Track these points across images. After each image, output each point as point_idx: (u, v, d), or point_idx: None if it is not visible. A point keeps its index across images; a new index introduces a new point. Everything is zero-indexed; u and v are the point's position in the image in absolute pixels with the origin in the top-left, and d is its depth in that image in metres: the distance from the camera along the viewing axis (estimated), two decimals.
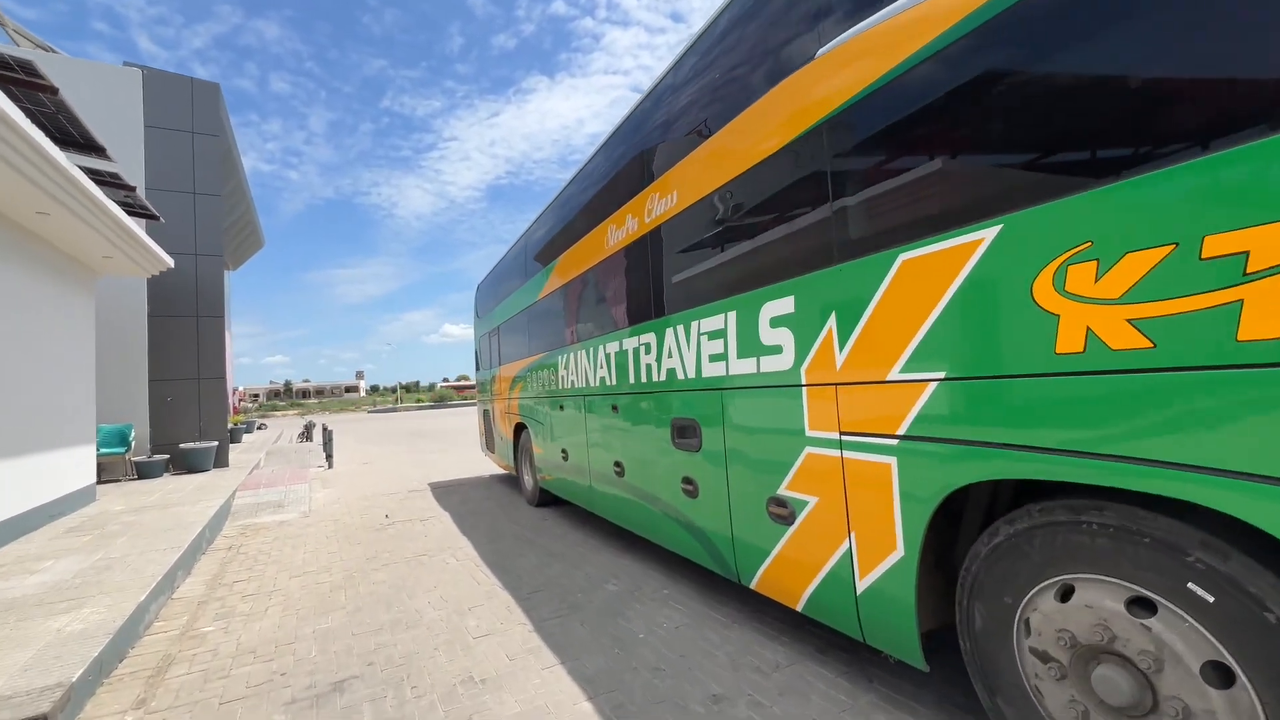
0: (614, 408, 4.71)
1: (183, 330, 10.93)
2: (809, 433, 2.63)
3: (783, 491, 2.82)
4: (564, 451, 6.02)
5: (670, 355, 3.78)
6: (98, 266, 7.82)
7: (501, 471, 10.84)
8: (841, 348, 2.42)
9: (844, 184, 2.42)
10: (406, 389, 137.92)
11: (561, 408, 5.99)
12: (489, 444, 10.02)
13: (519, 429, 7.98)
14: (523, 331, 7.39)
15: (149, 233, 10.17)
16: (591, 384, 5.14)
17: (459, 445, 17.29)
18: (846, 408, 2.42)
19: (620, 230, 4.47)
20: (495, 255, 10.22)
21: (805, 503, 2.68)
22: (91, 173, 6.75)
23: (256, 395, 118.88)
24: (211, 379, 11.17)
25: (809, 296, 2.59)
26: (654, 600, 3.93)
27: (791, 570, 2.82)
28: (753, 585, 3.15)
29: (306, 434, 20.32)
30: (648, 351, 4.09)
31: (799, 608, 2.81)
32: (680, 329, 3.65)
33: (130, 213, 8.00)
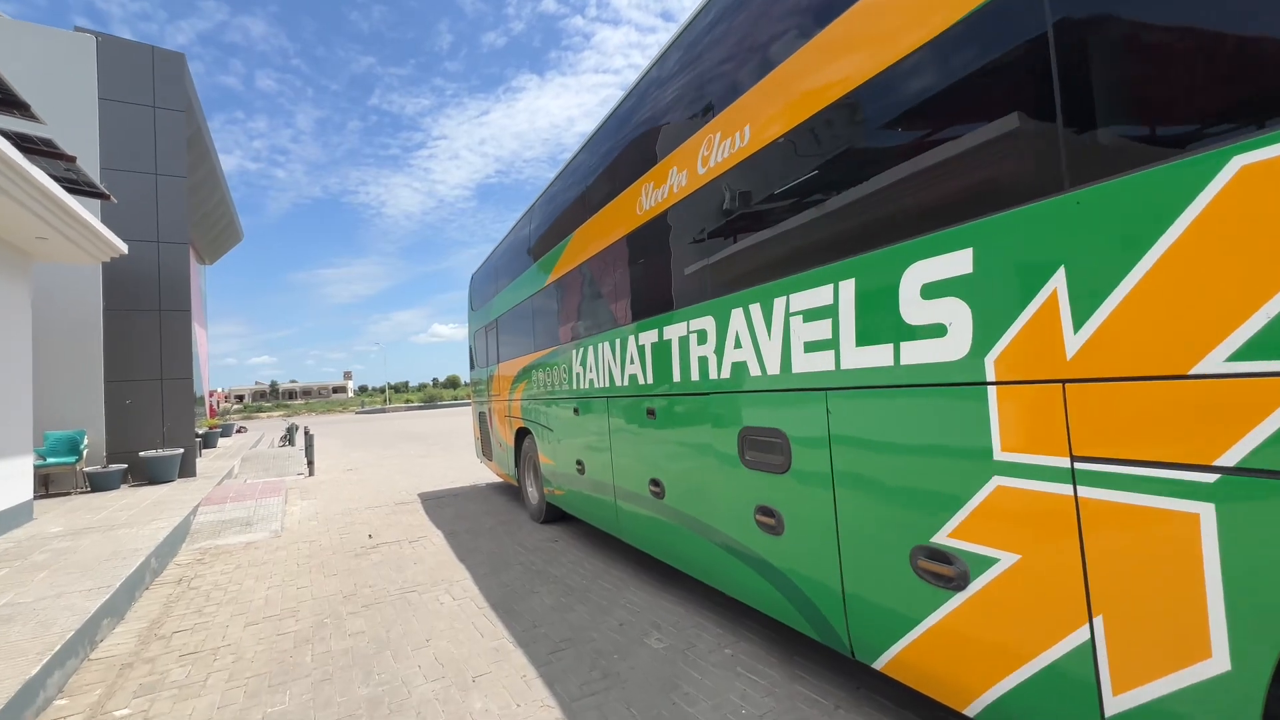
0: (650, 413, 3.80)
1: (144, 326, 9.86)
2: (1000, 455, 1.73)
3: (945, 541, 1.92)
4: (579, 463, 5.09)
5: (738, 346, 2.87)
6: (31, 249, 6.77)
7: (499, 480, 9.89)
8: (1082, 322, 1.52)
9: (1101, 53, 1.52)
10: (395, 389, 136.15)
11: (576, 411, 5.07)
12: (485, 450, 9.07)
13: (521, 434, 7.04)
14: (526, 324, 6.45)
15: (104, 217, 9.13)
16: (618, 383, 4.22)
17: (450, 449, 16.28)
18: (1090, 418, 1.52)
19: (660, 190, 3.55)
20: (486, 254, 9.31)
21: (991, 560, 1.79)
22: (18, 138, 5.73)
23: (241, 396, 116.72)
24: (177, 379, 10.11)
25: (1009, 245, 1.69)
26: (716, 665, 3.02)
27: (960, 655, 1.92)
28: (879, 666, 2.25)
29: (288, 438, 19.21)
30: (702, 341, 3.18)
31: (971, 713, 1.91)
32: (754, 310, 2.74)
33: (73, 190, 6.97)
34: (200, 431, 14.73)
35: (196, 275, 18.51)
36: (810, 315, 2.40)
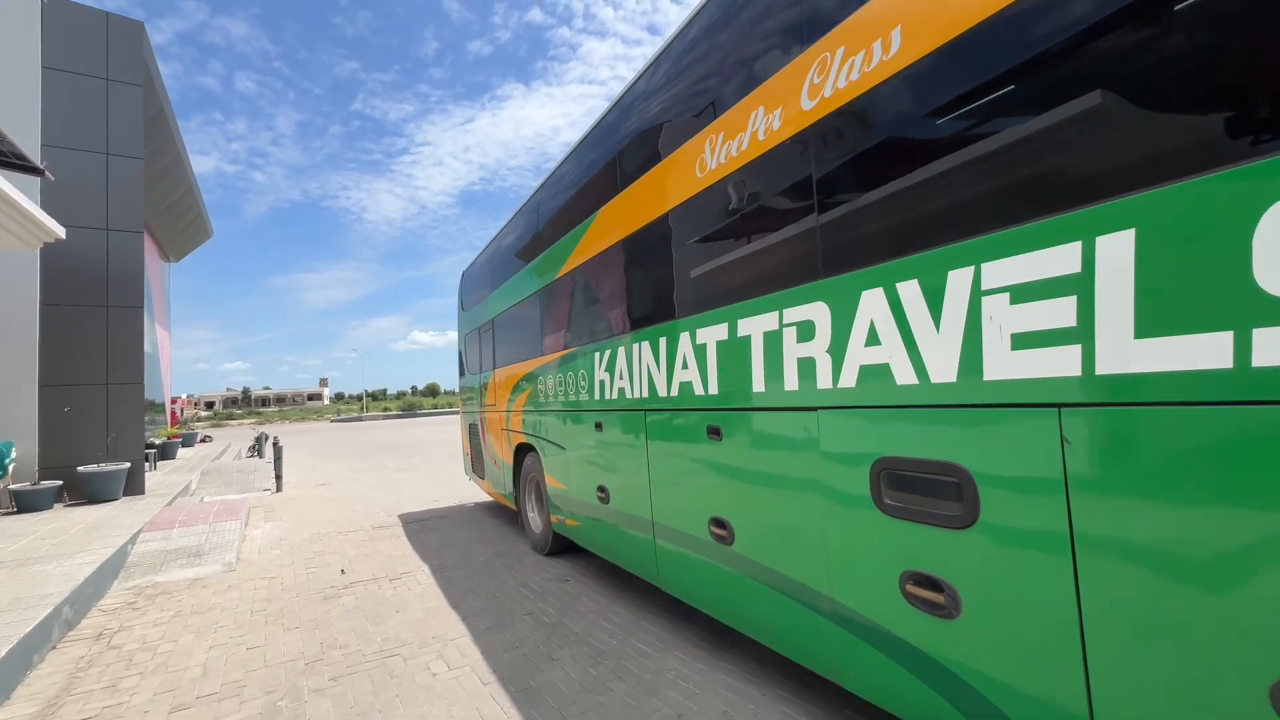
0: (713, 432, 2.94)
1: (88, 323, 8.73)
2: None
3: None
4: (601, 490, 4.20)
5: (873, 342, 2.04)
6: None
7: (489, 498, 8.91)
8: None
9: None
10: (373, 397, 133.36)
11: (599, 427, 4.18)
12: (475, 467, 8.10)
13: (521, 450, 6.11)
14: (531, 323, 5.55)
15: (46, 200, 8.04)
16: (661, 392, 3.36)
17: (432, 461, 15.19)
18: None
19: (734, 142, 2.72)
20: (468, 262, 8.47)
21: None
22: None
23: (211, 403, 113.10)
24: (126, 384, 8.97)
25: None
26: None
27: None
28: None
29: (256, 448, 17.91)
30: (804, 338, 2.33)
31: None
32: (908, 290, 1.91)
33: None
34: (156, 442, 13.48)
35: (159, 272, 17.24)
36: (1034, 291, 1.57)
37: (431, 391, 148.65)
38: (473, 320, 7.85)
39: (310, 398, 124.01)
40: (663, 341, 3.34)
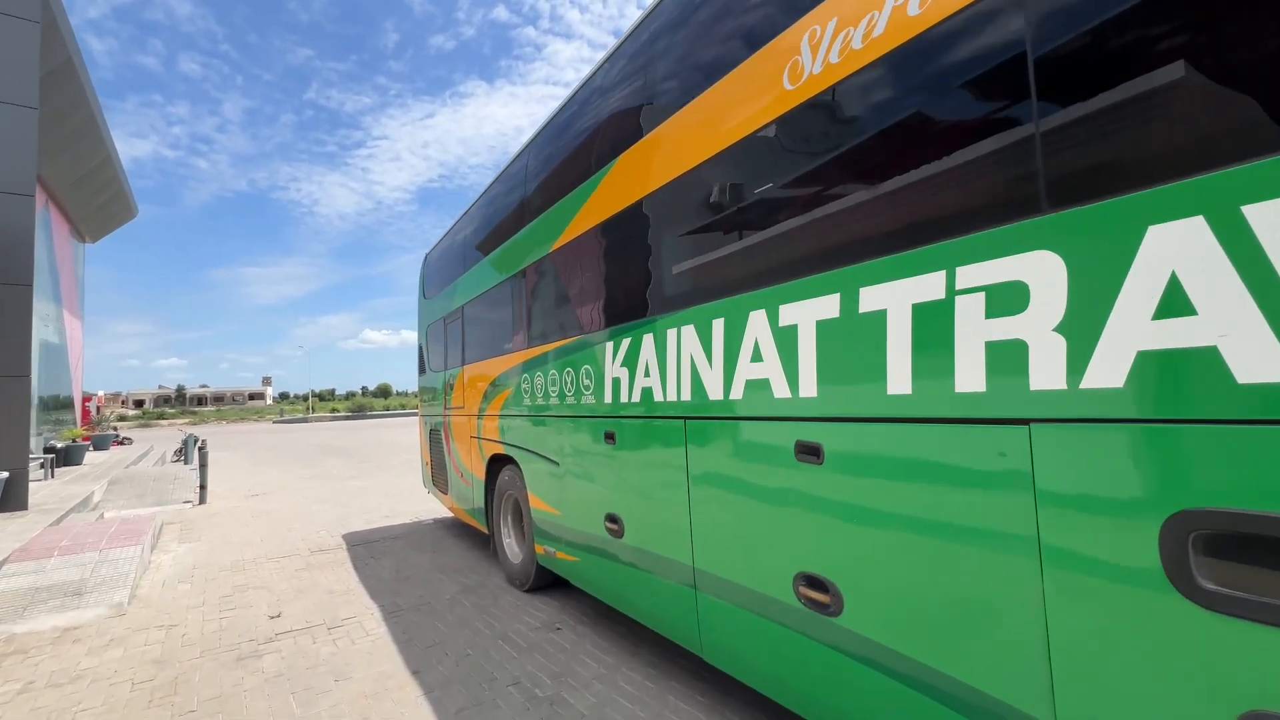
0: (808, 452, 2.05)
1: None
2: None
3: None
4: (613, 521, 3.26)
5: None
6: None
7: (449, 513, 7.79)
8: None
9: None
10: (320, 397, 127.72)
11: (610, 438, 3.25)
12: (437, 479, 6.99)
13: (498, 463, 5.09)
14: (514, 309, 4.57)
15: None
16: (716, 394, 2.46)
17: (385, 467, 13.83)
18: None
19: (840, 40, 1.85)
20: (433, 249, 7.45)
21: None
22: None
23: (141, 402, 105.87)
24: (8, 377, 7.48)
25: None
26: None
27: None
28: None
29: (183, 452, 16.08)
30: (1011, 304, 1.47)
31: None
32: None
33: None
34: (58, 445, 11.73)
35: (70, 252, 15.28)
36: None
37: (383, 392, 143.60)
38: (437, 309, 6.77)
39: (252, 397, 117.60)
40: (719, 325, 2.44)
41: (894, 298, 1.74)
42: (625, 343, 3.09)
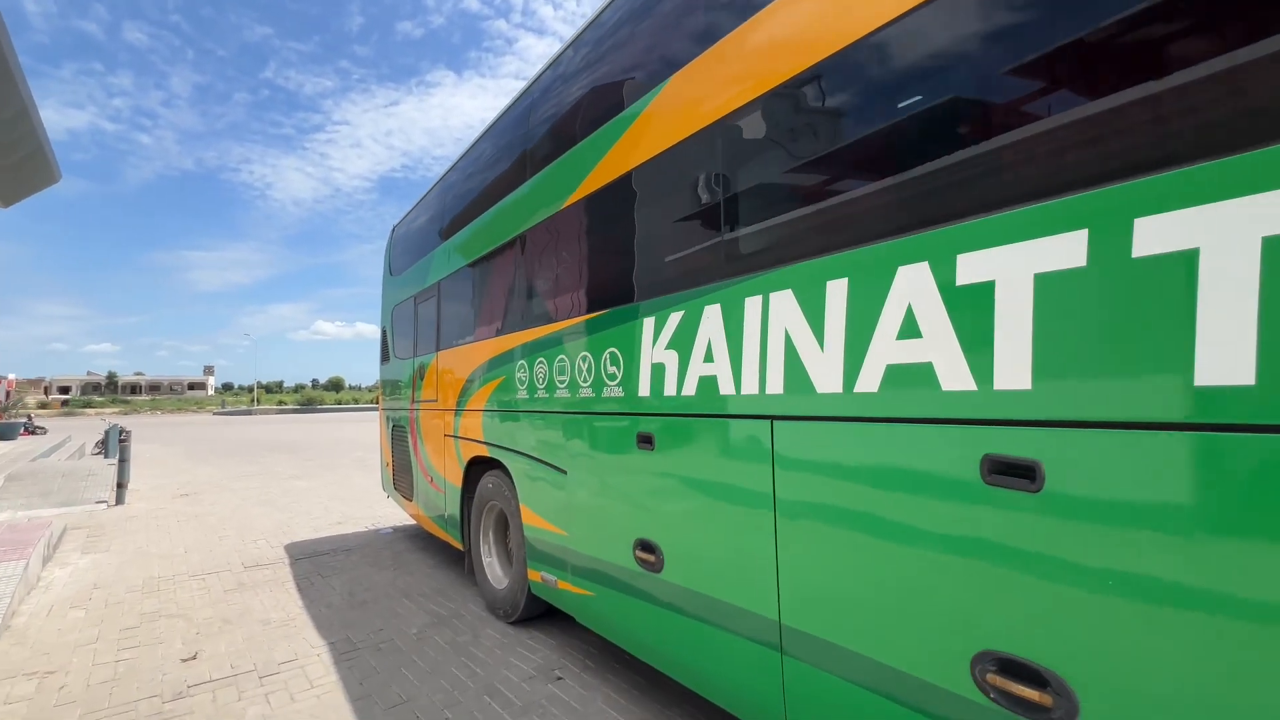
0: (1008, 474, 1.36)
1: None
2: None
3: None
4: (648, 549, 2.51)
5: None
6: None
7: (411, 520, 6.87)
8: None
9: None
10: (266, 389, 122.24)
11: (647, 442, 2.50)
12: (399, 483, 6.08)
13: (479, 467, 4.28)
14: (509, 281, 3.78)
15: None
16: (829, 385, 1.76)
17: (335, 466, 12.65)
18: None
19: None
20: (384, 251, 6.66)
21: None
22: None
23: (68, 389, 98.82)
24: None
25: None
26: None
27: None
28: None
29: (104, 444, 14.45)
30: None
31: None
32: None
33: None
34: None
35: None
36: None
37: (335, 385, 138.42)
38: (406, 287, 5.88)
39: (192, 387, 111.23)
40: (839, 288, 1.73)
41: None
42: (674, 318, 2.36)
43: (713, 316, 2.18)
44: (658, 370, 2.45)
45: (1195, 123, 1.13)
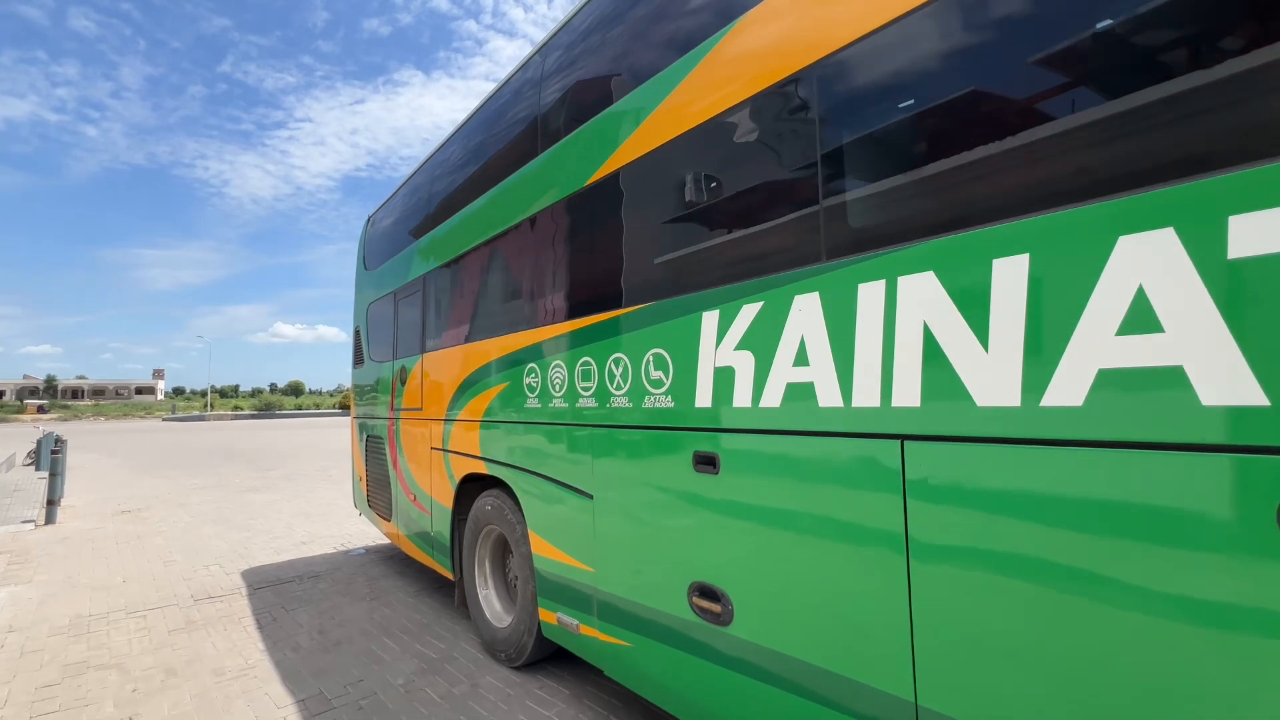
0: None
1: None
2: None
3: None
4: (710, 596, 2.04)
5: None
6: None
7: (385, 539, 6.23)
8: None
9: None
10: (222, 394, 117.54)
11: (709, 464, 2.04)
12: (374, 500, 5.47)
13: (474, 486, 3.75)
14: (517, 273, 3.28)
15: None
16: (990, 395, 1.34)
17: (295, 477, 11.79)
18: None
19: None
20: (348, 251, 6.08)
21: None
22: None
23: (1, 393, 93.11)
24: None
25: None
26: None
27: None
28: None
29: (36, 455, 13.23)
30: None
31: None
32: None
33: None
34: None
35: None
36: None
37: (295, 390, 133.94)
38: (385, 282, 5.29)
39: (140, 391, 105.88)
40: (1012, 269, 1.31)
41: None
42: (749, 311, 1.90)
43: (807, 308, 1.73)
44: (723, 376, 1.99)
45: None
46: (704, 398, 2.06)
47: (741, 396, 1.92)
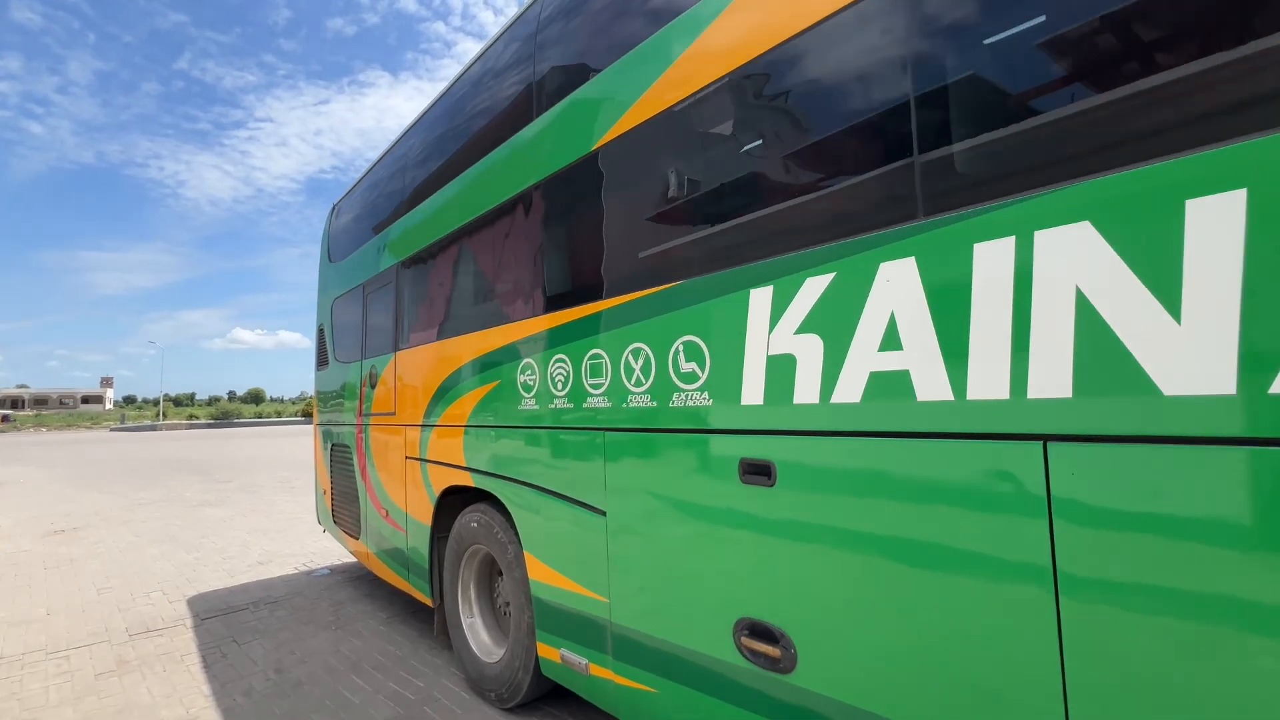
0: None
1: None
2: None
3: None
4: (763, 637, 1.67)
5: None
6: None
7: (351, 557, 5.70)
8: None
9: None
10: (176, 402, 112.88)
11: (759, 472, 1.67)
12: (341, 516, 4.95)
13: (456, 499, 3.32)
14: (514, 253, 2.87)
15: None
16: (1201, 381, 0.99)
17: (254, 488, 11.02)
18: None
19: None
20: (311, 255, 5.56)
21: None
22: None
23: None
24: None
25: None
26: None
27: None
28: None
29: None
30: None
31: None
32: None
33: None
34: None
35: None
36: None
37: (255, 398, 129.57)
38: (353, 273, 4.80)
39: (86, 400, 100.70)
40: (1211, 210, 0.98)
41: None
42: (814, 286, 1.55)
43: (899, 277, 1.38)
44: (780, 366, 1.63)
45: None
46: (753, 393, 1.69)
47: (805, 390, 1.57)
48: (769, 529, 1.66)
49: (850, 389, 1.47)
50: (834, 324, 1.51)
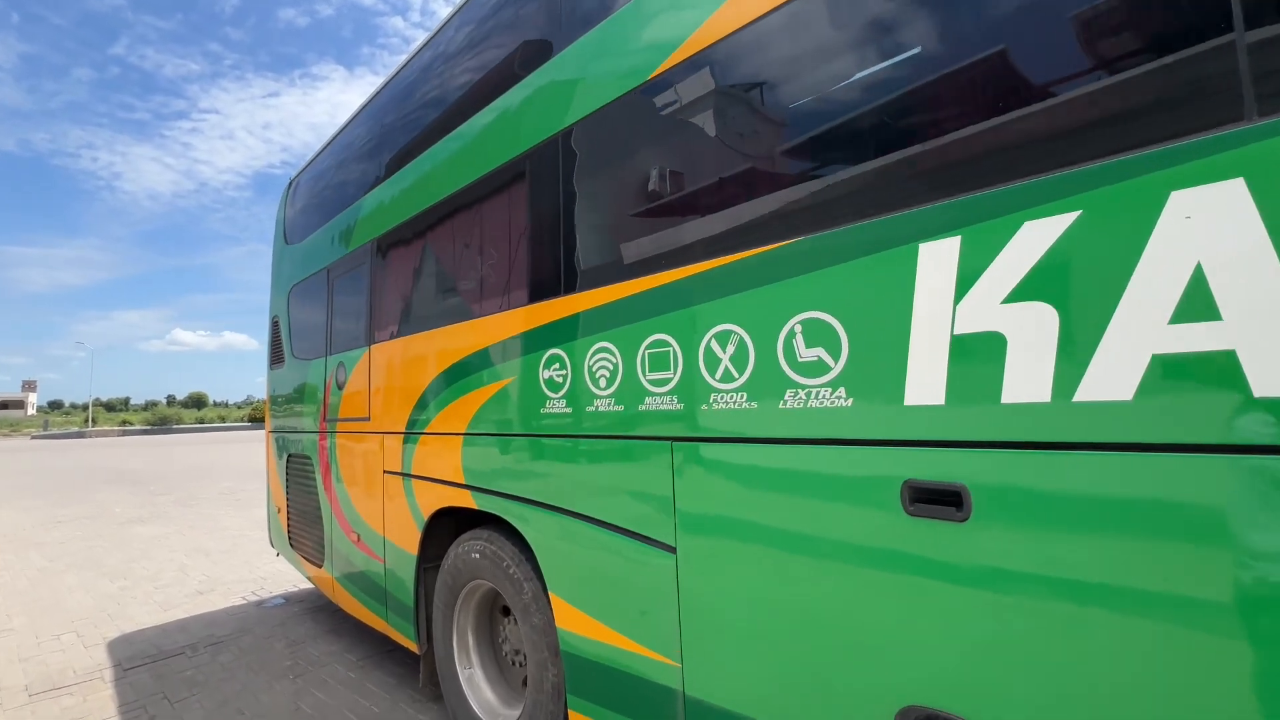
0: None
1: None
2: None
3: None
4: None
5: None
6: None
7: (308, 583, 4.97)
8: None
9: None
10: (108, 407, 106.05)
11: (957, 502, 1.17)
12: (299, 538, 4.24)
13: (447, 521, 2.72)
14: (528, 217, 2.31)
15: None
16: None
17: (196, 501, 9.95)
18: None
19: None
20: (261, 253, 4.89)
21: None
22: None
23: None
24: None
25: None
26: None
27: None
28: None
29: None
30: None
31: None
32: None
33: None
34: None
35: None
36: None
37: (197, 402, 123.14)
38: (316, 256, 4.12)
39: (6, 405, 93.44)
40: None
41: None
42: (1045, 232, 1.07)
43: (1209, 208, 0.91)
44: (977, 348, 1.14)
45: None
46: (926, 389, 1.20)
47: (1024, 383, 1.08)
48: (958, 578, 1.16)
49: (1114, 380, 0.99)
50: (1081, 284, 1.03)
